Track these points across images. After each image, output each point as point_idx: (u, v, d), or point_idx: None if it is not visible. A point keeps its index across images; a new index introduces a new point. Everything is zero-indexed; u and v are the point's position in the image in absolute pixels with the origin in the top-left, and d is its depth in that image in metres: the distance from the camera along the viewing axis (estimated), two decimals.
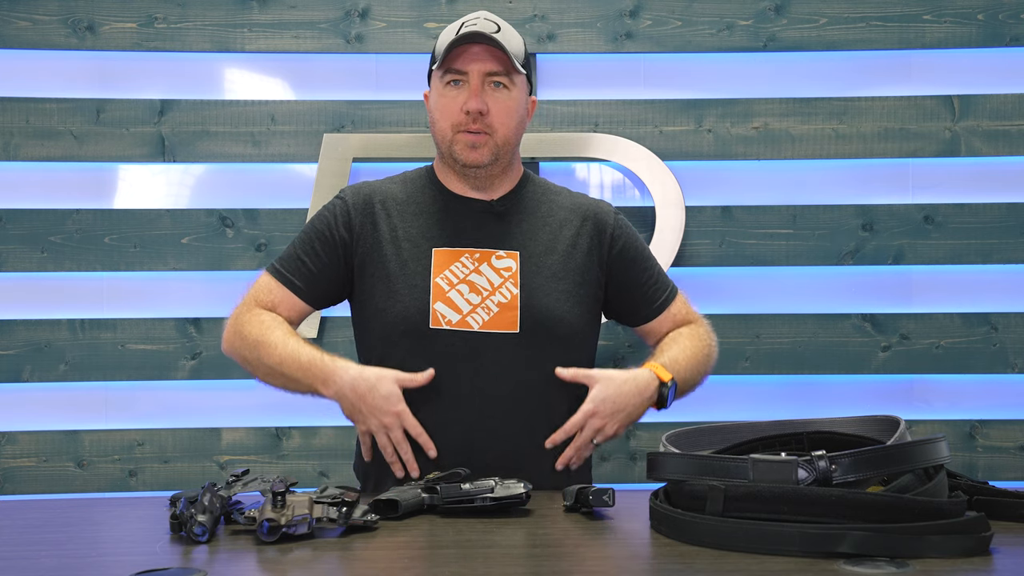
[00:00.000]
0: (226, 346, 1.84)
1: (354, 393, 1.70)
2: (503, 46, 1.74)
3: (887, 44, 2.97)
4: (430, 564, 1.27)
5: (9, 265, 2.91)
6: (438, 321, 1.76)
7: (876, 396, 2.94)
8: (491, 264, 1.80)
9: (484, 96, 1.76)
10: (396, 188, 1.89)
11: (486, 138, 1.78)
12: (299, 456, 2.93)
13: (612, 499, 1.48)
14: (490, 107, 1.77)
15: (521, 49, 1.81)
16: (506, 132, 1.80)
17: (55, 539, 1.41)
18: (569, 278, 1.83)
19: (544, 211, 1.88)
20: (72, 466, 2.91)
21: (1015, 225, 2.94)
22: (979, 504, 1.38)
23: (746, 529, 1.23)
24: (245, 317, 1.82)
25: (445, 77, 1.78)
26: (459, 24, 1.79)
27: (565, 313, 1.80)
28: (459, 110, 1.77)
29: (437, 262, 1.79)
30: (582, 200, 1.94)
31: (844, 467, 1.25)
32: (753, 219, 2.96)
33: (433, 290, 1.77)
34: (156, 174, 2.99)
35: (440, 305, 1.76)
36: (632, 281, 1.91)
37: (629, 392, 1.73)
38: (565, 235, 1.86)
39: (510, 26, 1.82)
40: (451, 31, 1.78)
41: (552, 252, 1.83)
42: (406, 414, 1.69)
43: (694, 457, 1.37)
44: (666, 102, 2.97)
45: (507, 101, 1.78)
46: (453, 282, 1.78)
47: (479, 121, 1.77)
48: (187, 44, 2.95)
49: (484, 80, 1.76)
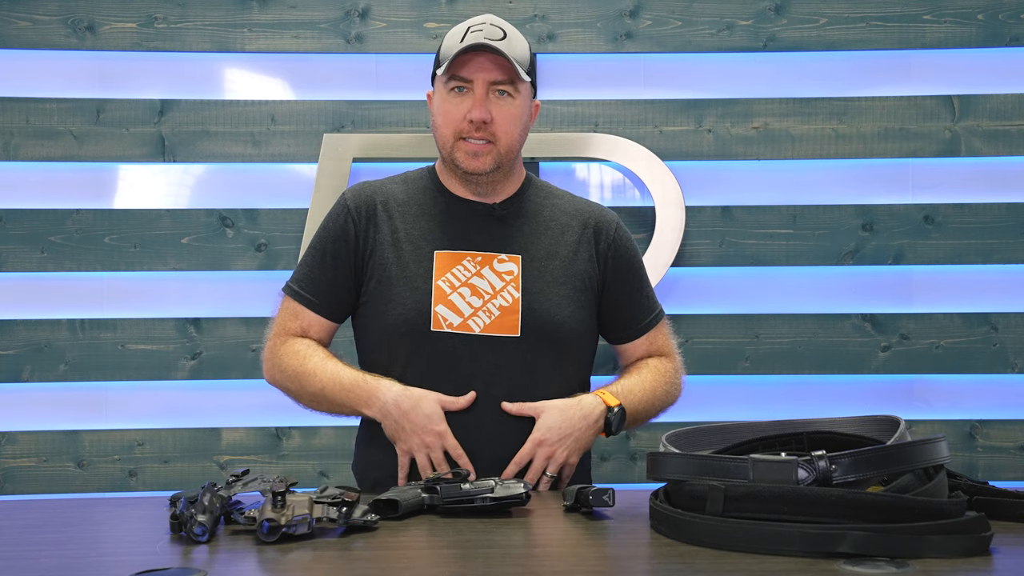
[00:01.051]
0: (268, 379, 1.88)
1: (398, 410, 1.70)
2: (509, 57, 1.74)
3: (887, 44, 2.97)
4: (430, 564, 1.27)
5: (9, 265, 2.91)
6: (439, 324, 1.76)
7: (876, 396, 2.94)
8: (493, 268, 1.80)
9: (488, 105, 1.76)
10: (397, 189, 1.89)
11: (489, 147, 1.78)
12: (299, 456, 2.93)
13: (612, 499, 1.48)
14: (494, 116, 1.76)
15: (527, 56, 1.80)
16: (509, 141, 1.79)
17: (55, 539, 1.41)
18: (570, 283, 1.83)
19: (547, 215, 1.88)
20: (72, 466, 2.91)
21: (1015, 225, 2.94)
22: (979, 504, 1.38)
23: (746, 529, 1.23)
24: (280, 350, 1.85)
25: (449, 83, 1.78)
26: (465, 29, 1.77)
27: (566, 318, 1.81)
28: (463, 118, 1.77)
29: (439, 265, 1.79)
30: (585, 206, 1.93)
31: (844, 467, 1.25)
32: (753, 219, 2.96)
33: (435, 293, 1.77)
34: (156, 174, 2.99)
35: (441, 308, 1.77)
36: (620, 295, 1.90)
37: (574, 416, 1.73)
38: (567, 240, 1.86)
39: (516, 30, 1.82)
40: (457, 35, 1.77)
41: (554, 257, 1.83)
42: (448, 435, 1.70)
43: (694, 457, 1.37)
44: (666, 102, 2.97)
45: (511, 109, 1.78)
46: (455, 285, 1.78)
47: (482, 130, 1.76)
48: (187, 44, 2.95)
49: (488, 89, 1.76)
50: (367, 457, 1.87)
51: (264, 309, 2.91)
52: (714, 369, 2.94)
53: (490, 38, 1.74)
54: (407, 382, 1.74)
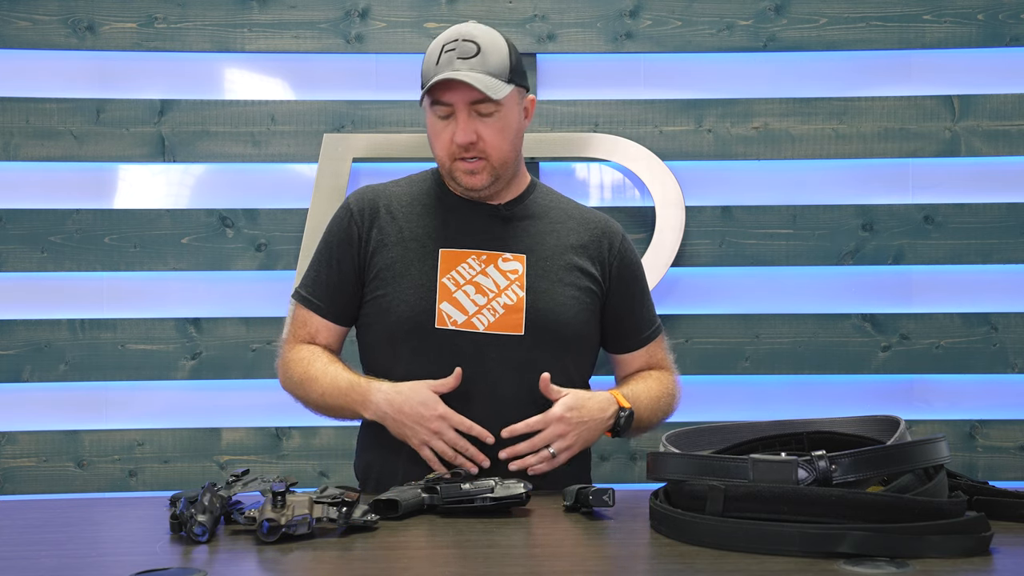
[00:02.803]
0: (284, 387, 1.89)
1: (392, 408, 1.70)
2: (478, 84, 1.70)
3: (887, 44, 2.97)
4: (430, 564, 1.27)
5: (9, 265, 2.91)
6: (443, 321, 1.76)
7: (876, 396, 2.94)
8: (497, 266, 1.80)
9: (473, 124, 1.74)
10: (401, 190, 1.90)
11: (482, 163, 1.77)
12: (299, 456, 2.93)
13: (612, 499, 1.48)
14: (480, 134, 1.75)
15: (505, 63, 1.75)
16: (501, 154, 1.78)
17: (55, 539, 1.41)
18: (575, 284, 1.83)
19: (553, 216, 1.89)
20: (72, 466, 2.91)
21: (1015, 225, 2.94)
22: (979, 504, 1.38)
23: (746, 529, 1.23)
24: (288, 356, 1.86)
25: (433, 107, 1.77)
26: (439, 49, 1.75)
27: (571, 317, 1.81)
28: (451, 141, 1.76)
29: (444, 262, 1.79)
30: (590, 215, 1.94)
31: (844, 467, 1.25)
32: (753, 219, 2.95)
33: (439, 290, 1.77)
34: (156, 174, 2.99)
35: (446, 305, 1.77)
36: (623, 306, 1.91)
37: (593, 407, 1.74)
38: (572, 242, 1.86)
39: (494, 35, 1.78)
40: (433, 56, 1.75)
41: (559, 257, 1.84)
42: (450, 414, 1.69)
43: (694, 457, 1.37)
44: (666, 102, 2.97)
45: (496, 124, 1.76)
46: (460, 283, 1.78)
47: (472, 150, 1.76)
48: (187, 44, 2.95)
49: (470, 109, 1.74)
50: (366, 459, 1.87)
51: (264, 309, 2.94)
52: (714, 369, 2.94)
53: (464, 56, 1.72)
54: (410, 380, 1.73)
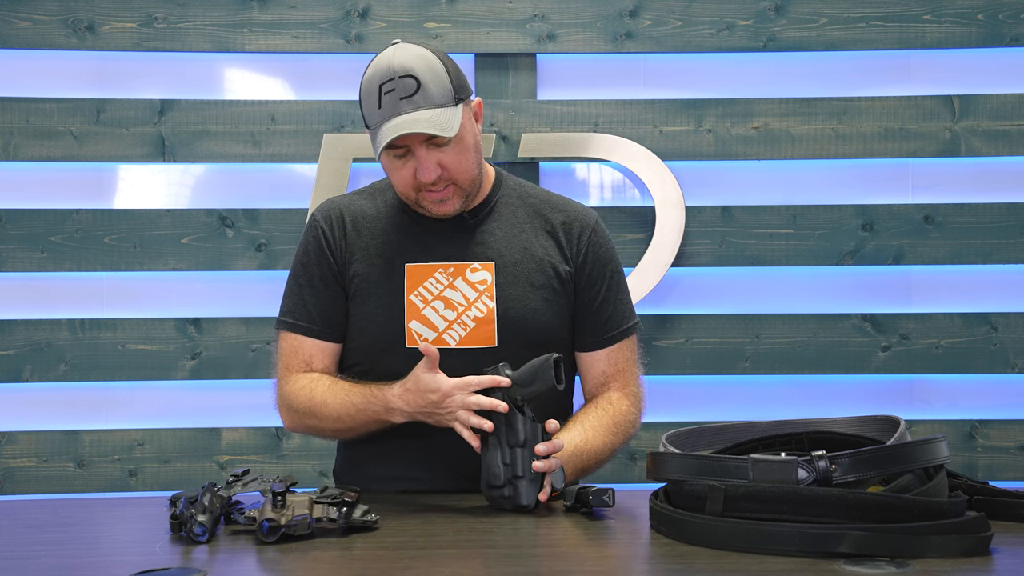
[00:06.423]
0: (288, 426, 1.85)
1: (409, 405, 1.64)
2: (431, 129, 1.63)
3: (887, 44, 2.97)
4: (430, 564, 1.27)
5: (9, 265, 2.91)
6: (414, 340, 1.73)
7: (876, 396, 2.94)
8: (465, 278, 1.77)
9: (433, 158, 1.68)
10: (366, 204, 1.85)
11: (451, 189, 1.72)
12: (299, 456, 2.93)
13: (612, 499, 1.48)
14: (443, 164, 1.69)
15: (447, 88, 1.66)
16: (467, 175, 1.73)
17: (55, 539, 1.42)
18: (547, 285, 1.79)
19: (521, 216, 1.84)
20: (72, 466, 2.91)
21: (1015, 225, 2.94)
22: (979, 504, 1.38)
23: (746, 529, 1.23)
24: (286, 390, 1.81)
25: (388, 150, 1.68)
26: (377, 91, 1.65)
27: (544, 322, 1.77)
28: (413, 178, 1.70)
29: (410, 278, 1.76)
30: (563, 203, 1.88)
31: (844, 467, 1.25)
32: (753, 219, 2.95)
33: (408, 308, 1.75)
34: (156, 174, 2.99)
35: (415, 324, 1.75)
36: (588, 297, 1.82)
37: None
38: (542, 241, 1.82)
39: (427, 59, 1.67)
40: (372, 99, 1.66)
41: (528, 259, 1.79)
42: (460, 385, 1.59)
43: (694, 457, 1.37)
44: (666, 102, 2.97)
45: (455, 149, 1.69)
46: (427, 299, 1.75)
47: (438, 182, 1.70)
48: (187, 44, 2.95)
49: (427, 144, 1.67)
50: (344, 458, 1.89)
51: (264, 309, 2.94)
52: (714, 369, 2.94)
53: (405, 94, 1.63)
54: None
